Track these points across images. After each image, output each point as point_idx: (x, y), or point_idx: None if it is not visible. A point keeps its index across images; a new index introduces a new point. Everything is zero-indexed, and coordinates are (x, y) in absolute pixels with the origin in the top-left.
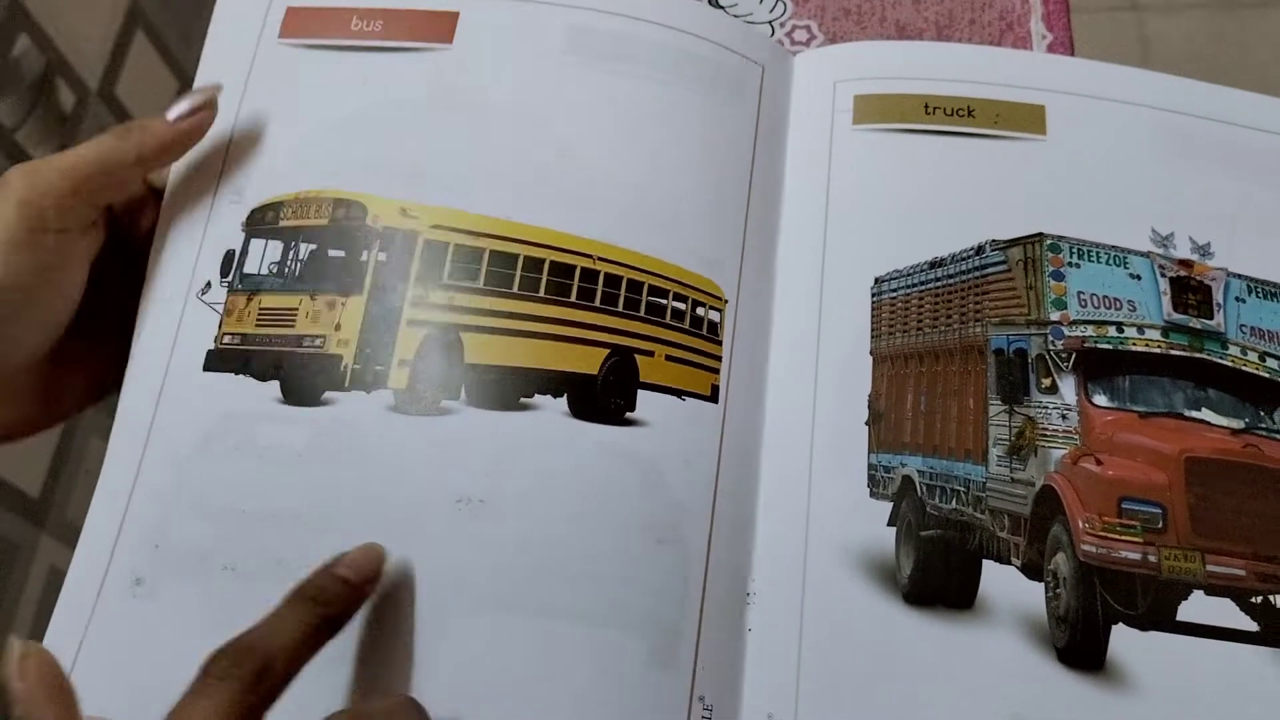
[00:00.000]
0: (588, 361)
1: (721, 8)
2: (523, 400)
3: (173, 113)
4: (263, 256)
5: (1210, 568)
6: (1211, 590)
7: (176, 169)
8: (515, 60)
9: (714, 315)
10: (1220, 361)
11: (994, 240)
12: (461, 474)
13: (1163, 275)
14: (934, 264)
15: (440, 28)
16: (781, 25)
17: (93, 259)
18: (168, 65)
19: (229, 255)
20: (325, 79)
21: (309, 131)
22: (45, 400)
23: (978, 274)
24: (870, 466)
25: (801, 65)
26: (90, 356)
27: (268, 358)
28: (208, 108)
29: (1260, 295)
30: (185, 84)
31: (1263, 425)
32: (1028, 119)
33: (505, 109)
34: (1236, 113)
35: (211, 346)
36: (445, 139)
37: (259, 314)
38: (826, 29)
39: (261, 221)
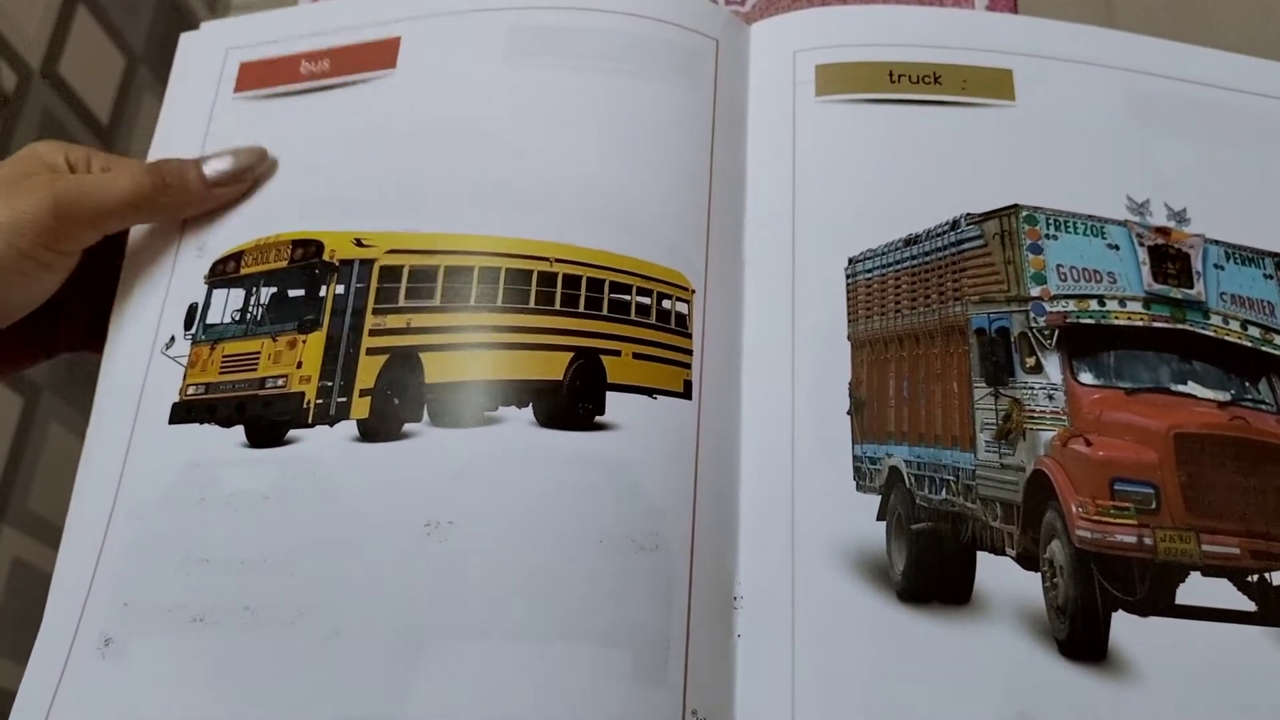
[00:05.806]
0: (551, 367)
1: None
2: (487, 414)
3: (211, 169)
4: (225, 306)
5: (1206, 547)
6: (1208, 571)
7: (137, 227)
8: (459, 73)
9: (681, 307)
10: (1203, 332)
11: (969, 214)
12: (428, 497)
13: (1141, 244)
14: (909, 241)
15: (384, 55)
16: None
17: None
18: (113, 41)
19: (192, 309)
20: (280, 124)
21: (267, 178)
22: (38, 342)
23: (954, 250)
24: (855, 458)
25: (758, 35)
26: (82, 306)
27: (231, 404)
28: (247, 178)
29: (1238, 261)
30: (132, 61)
31: (1248, 397)
32: (995, 84)
33: (454, 124)
34: (1205, 72)
35: (176, 399)
36: (399, 163)
37: (222, 362)
38: None
39: (223, 272)
